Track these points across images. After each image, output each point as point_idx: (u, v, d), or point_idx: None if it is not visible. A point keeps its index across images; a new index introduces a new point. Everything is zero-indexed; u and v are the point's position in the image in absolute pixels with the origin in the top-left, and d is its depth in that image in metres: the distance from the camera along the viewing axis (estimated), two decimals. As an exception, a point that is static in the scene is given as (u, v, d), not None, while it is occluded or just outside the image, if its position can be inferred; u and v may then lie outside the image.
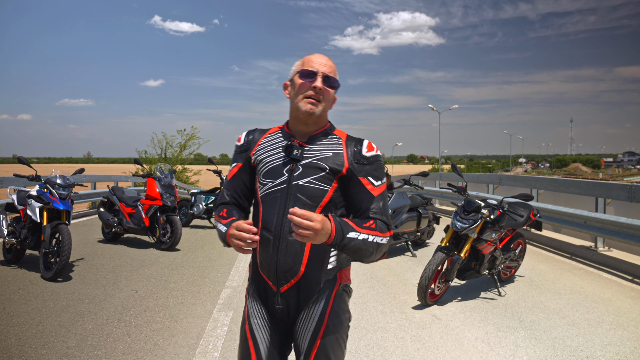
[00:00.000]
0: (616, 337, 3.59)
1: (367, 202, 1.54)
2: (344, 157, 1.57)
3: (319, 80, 1.54)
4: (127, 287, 4.84)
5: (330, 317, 1.55)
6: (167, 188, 7.16)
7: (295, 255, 1.52)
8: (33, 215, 5.26)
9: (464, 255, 4.38)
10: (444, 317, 4.02)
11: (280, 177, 1.55)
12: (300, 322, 1.56)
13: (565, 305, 4.35)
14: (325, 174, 1.54)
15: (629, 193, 6.19)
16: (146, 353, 3.21)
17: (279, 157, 1.58)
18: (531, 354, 3.26)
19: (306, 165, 1.54)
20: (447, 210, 12.31)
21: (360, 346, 3.36)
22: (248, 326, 1.59)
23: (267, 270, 1.55)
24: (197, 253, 6.71)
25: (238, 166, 1.66)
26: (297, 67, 1.61)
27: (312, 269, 1.53)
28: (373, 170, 1.57)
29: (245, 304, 1.65)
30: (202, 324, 3.78)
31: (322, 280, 1.56)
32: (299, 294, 1.54)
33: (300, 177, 1.53)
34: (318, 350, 1.53)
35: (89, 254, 6.47)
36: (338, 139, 1.61)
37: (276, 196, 1.54)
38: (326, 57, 1.61)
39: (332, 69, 1.58)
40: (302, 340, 1.56)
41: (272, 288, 1.56)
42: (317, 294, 1.55)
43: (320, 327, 1.54)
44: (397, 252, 6.86)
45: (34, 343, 3.34)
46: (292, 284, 1.53)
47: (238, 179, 1.65)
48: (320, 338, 1.53)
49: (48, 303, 4.24)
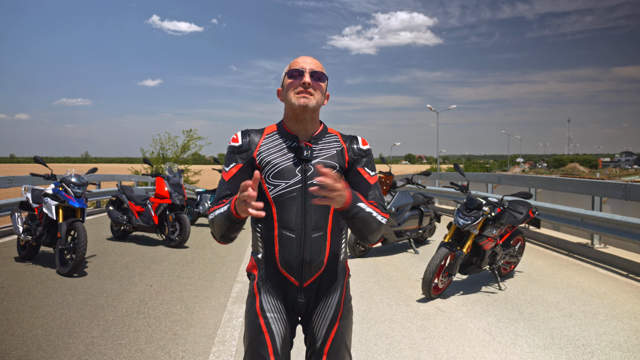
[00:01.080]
0: (611, 328, 3.79)
1: (365, 189, 1.69)
2: (345, 152, 1.70)
3: (306, 76, 1.63)
4: (142, 282, 5.03)
5: (344, 305, 1.72)
6: (176, 187, 7.35)
7: (319, 250, 1.64)
8: (49, 213, 5.43)
9: (466, 250, 4.58)
10: (447, 309, 4.21)
11: (293, 178, 1.62)
12: (318, 312, 1.70)
13: (562, 299, 4.55)
14: (336, 170, 1.65)
15: (624, 192, 6.40)
16: (167, 342, 3.40)
17: (288, 158, 1.64)
18: (530, 342, 3.46)
19: (317, 164, 1.64)
20: (447, 210, 12.51)
21: (369, 336, 3.55)
22: (263, 320, 1.64)
23: (289, 268, 1.64)
24: (205, 250, 6.89)
25: (238, 166, 1.66)
26: (286, 70, 1.71)
27: (331, 261, 1.69)
28: (368, 162, 1.73)
29: (256, 300, 1.68)
30: (217, 315, 3.96)
31: (338, 271, 1.72)
32: (320, 286, 1.69)
33: (313, 176, 1.61)
34: (335, 335, 1.69)
35: (100, 251, 6.65)
36: (336, 137, 1.73)
37: (292, 196, 1.61)
38: (311, 57, 1.70)
39: (318, 66, 1.68)
40: (319, 329, 1.70)
41: (294, 284, 1.65)
42: (334, 284, 1.71)
43: (337, 315, 1.70)
44: (400, 249, 7.06)
45: (60, 333, 3.53)
46: (315, 277, 1.67)
47: (239, 179, 1.65)
48: (337, 325, 1.69)
49: (67, 297, 4.42)
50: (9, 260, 5.92)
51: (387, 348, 3.33)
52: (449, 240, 4.67)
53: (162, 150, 22.77)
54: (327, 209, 1.64)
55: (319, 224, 1.63)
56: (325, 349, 1.68)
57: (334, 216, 1.66)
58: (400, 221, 6.56)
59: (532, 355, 3.24)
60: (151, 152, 22.86)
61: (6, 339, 3.40)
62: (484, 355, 3.22)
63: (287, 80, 1.66)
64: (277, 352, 1.64)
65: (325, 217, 1.64)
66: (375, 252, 6.72)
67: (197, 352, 3.24)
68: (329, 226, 1.65)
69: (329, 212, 1.65)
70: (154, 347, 3.30)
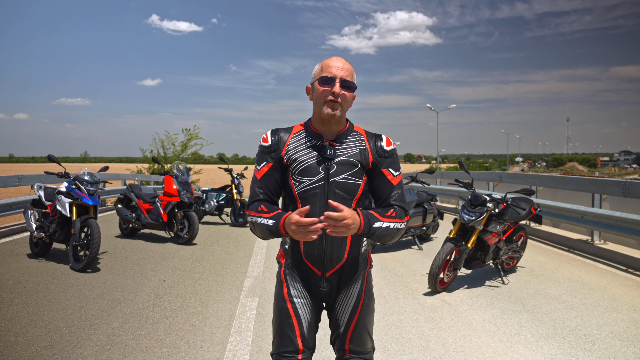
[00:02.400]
0: (611, 319, 3.93)
1: (388, 190, 1.77)
2: (369, 152, 1.76)
3: (337, 86, 1.67)
4: (155, 277, 5.16)
5: (365, 293, 1.84)
6: (184, 185, 7.49)
7: (340, 244, 1.75)
8: (63, 210, 5.57)
9: (470, 245, 4.72)
10: (453, 302, 4.35)
11: (317, 175, 1.71)
12: (341, 300, 1.82)
13: (564, 292, 4.69)
14: (357, 169, 1.73)
15: (623, 189, 6.54)
16: (185, 332, 3.54)
17: (312, 156, 1.73)
18: (534, 332, 3.60)
19: (340, 162, 1.72)
20: (449, 208, 12.66)
21: (379, 327, 3.69)
22: (291, 305, 1.77)
23: (312, 259, 1.76)
24: (214, 247, 7.03)
25: (269, 165, 1.75)
26: (316, 72, 1.75)
27: (352, 254, 1.80)
28: (392, 162, 1.79)
29: (284, 286, 1.81)
30: (231, 308, 4.10)
31: (359, 262, 1.84)
32: (342, 276, 1.81)
33: (336, 174, 1.71)
34: (357, 322, 1.82)
35: (111, 248, 6.78)
36: (360, 136, 1.79)
37: (315, 192, 1.70)
38: (343, 60, 1.73)
39: (349, 72, 1.71)
40: (342, 316, 1.82)
41: (317, 274, 1.77)
42: (355, 274, 1.83)
43: (359, 303, 1.82)
44: (405, 245, 7.20)
45: (81, 324, 3.66)
46: (337, 268, 1.78)
47: (270, 177, 1.75)
48: (359, 312, 1.82)
49: (84, 291, 4.56)
50: (22, 257, 6.05)
51: (397, 338, 3.47)
52: (454, 235, 4.81)
53: (162, 149, 22.86)
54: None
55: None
56: (348, 334, 1.81)
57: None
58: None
59: (536, 344, 3.38)
60: (151, 151, 22.98)
61: (29, 330, 3.54)
62: (490, 345, 3.36)
63: (318, 87, 1.71)
64: (304, 334, 1.77)
65: None
66: (381, 249, 6.86)
67: (215, 341, 3.37)
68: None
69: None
70: (173, 338, 3.44)
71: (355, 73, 1.78)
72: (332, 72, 1.69)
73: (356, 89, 1.76)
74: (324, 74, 1.70)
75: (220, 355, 3.15)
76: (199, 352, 3.20)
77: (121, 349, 3.22)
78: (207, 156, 37.34)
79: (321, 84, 1.70)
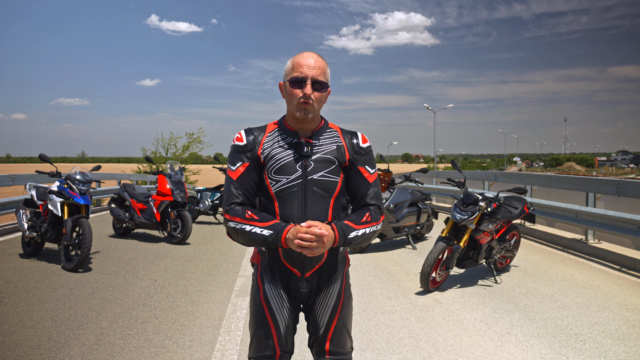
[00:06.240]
0: (603, 318, 3.92)
1: (364, 188, 1.75)
2: (345, 149, 1.74)
3: (308, 88, 1.64)
4: (146, 276, 5.13)
5: (345, 293, 1.82)
6: (178, 184, 7.46)
7: None
8: (54, 210, 5.53)
9: (463, 244, 4.71)
10: (445, 301, 4.34)
11: (294, 173, 1.67)
12: (320, 300, 1.79)
13: (556, 291, 4.68)
14: (335, 166, 1.71)
15: (617, 188, 6.54)
16: (174, 332, 3.51)
17: (289, 154, 1.69)
18: (525, 332, 3.59)
19: (317, 159, 1.69)
20: (443, 207, 12.65)
21: (370, 326, 3.67)
22: (267, 308, 1.74)
23: (291, 260, 1.72)
24: (207, 246, 7.00)
25: (245, 165, 1.70)
26: (288, 70, 1.70)
27: (331, 253, 1.78)
28: (369, 159, 1.78)
29: (260, 289, 1.77)
30: (222, 307, 4.08)
31: (338, 262, 1.81)
32: (321, 276, 1.78)
33: (313, 171, 1.68)
34: (337, 322, 1.79)
35: (103, 248, 6.75)
36: (335, 133, 1.77)
37: (293, 191, 1.67)
38: (315, 56, 1.68)
39: (320, 71, 1.66)
40: (322, 317, 1.79)
41: (296, 274, 1.73)
42: (334, 274, 1.80)
43: (339, 303, 1.80)
44: (398, 244, 7.19)
45: (70, 324, 3.63)
46: (316, 268, 1.75)
47: (247, 177, 1.70)
48: (339, 312, 1.79)
49: (74, 291, 4.53)
50: (14, 257, 6.02)
51: (387, 337, 3.45)
52: (446, 234, 4.80)
53: (164, 150, 22.86)
54: (326, 203, 1.71)
55: (319, 218, 1.68)
56: (329, 335, 1.78)
57: (334, 210, 1.73)
58: (398, 217, 6.69)
59: (526, 343, 3.37)
60: (151, 152, 22.98)
61: (17, 330, 3.51)
62: (480, 344, 3.35)
63: (289, 88, 1.67)
64: (282, 338, 1.74)
65: (325, 210, 1.70)
66: (374, 248, 6.84)
67: (203, 341, 3.35)
68: (329, 219, 1.70)
69: (329, 205, 1.71)
70: (162, 337, 3.41)
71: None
72: (303, 72, 1.65)
73: (329, 87, 1.72)
74: (295, 73, 1.66)
75: (209, 355, 3.12)
76: (187, 351, 3.18)
77: (109, 349, 3.19)
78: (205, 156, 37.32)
79: (292, 85, 1.67)
